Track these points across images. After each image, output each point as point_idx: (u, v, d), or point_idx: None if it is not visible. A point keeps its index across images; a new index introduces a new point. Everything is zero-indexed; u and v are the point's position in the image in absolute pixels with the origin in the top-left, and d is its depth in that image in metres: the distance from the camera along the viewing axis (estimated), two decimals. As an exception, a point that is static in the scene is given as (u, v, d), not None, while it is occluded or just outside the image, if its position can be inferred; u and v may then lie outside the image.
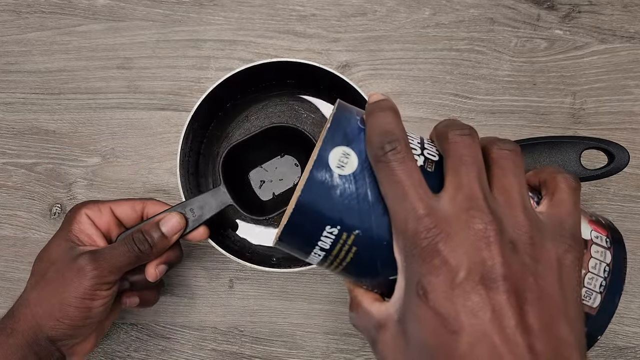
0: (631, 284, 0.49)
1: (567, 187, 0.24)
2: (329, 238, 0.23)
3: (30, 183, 0.51)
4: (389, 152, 0.22)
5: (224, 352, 0.49)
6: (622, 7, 0.51)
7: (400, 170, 0.22)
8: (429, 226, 0.21)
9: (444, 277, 0.21)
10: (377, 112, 0.24)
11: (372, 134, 0.23)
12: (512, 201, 0.22)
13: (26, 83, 0.52)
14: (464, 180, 0.22)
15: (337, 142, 0.24)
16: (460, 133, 0.23)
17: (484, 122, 0.51)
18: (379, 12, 0.52)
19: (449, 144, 0.23)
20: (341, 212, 0.23)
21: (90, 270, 0.36)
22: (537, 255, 0.22)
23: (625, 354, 0.48)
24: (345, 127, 0.24)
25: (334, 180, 0.23)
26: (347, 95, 0.46)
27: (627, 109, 0.51)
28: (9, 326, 0.36)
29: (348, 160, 0.23)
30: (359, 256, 0.24)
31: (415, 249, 0.21)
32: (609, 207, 0.50)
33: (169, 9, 0.52)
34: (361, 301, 0.26)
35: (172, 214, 0.39)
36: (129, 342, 0.49)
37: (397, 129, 0.23)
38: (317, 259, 0.25)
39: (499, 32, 0.51)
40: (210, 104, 0.45)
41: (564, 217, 0.23)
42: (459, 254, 0.21)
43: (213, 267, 0.50)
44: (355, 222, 0.23)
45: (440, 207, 0.22)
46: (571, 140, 0.41)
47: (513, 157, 0.24)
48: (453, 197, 0.22)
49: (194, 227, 0.40)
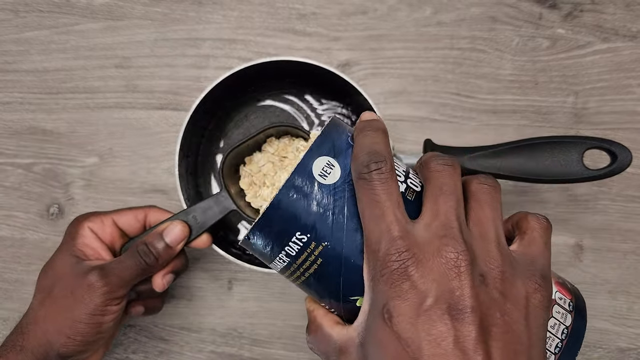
0: (634, 285, 0.49)
1: (539, 226, 0.24)
2: (297, 245, 0.23)
3: (28, 183, 0.51)
4: (373, 171, 0.22)
5: (222, 354, 0.49)
6: (625, 6, 0.51)
7: (381, 189, 0.22)
8: (401, 249, 0.21)
9: (411, 302, 0.21)
10: (368, 131, 0.24)
11: (359, 151, 0.23)
12: (487, 235, 0.23)
13: (24, 82, 0.52)
14: (442, 209, 0.22)
15: (323, 152, 0.24)
16: (442, 162, 0.24)
17: (485, 121, 0.50)
18: (379, 10, 0.51)
19: (430, 172, 0.24)
20: (314, 220, 0.23)
21: (100, 287, 0.36)
22: (506, 291, 0.22)
23: (627, 355, 0.48)
24: (334, 139, 0.24)
25: (313, 187, 0.23)
26: (347, 95, 0.45)
27: (630, 109, 0.50)
28: (19, 343, 0.36)
29: (331, 172, 0.23)
30: (323, 269, 0.24)
31: (384, 270, 0.21)
32: (612, 208, 0.49)
33: (168, 7, 0.52)
34: (322, 324, 0.26)
35: (174, 222, 0.39)
36: (127, 343, 0.49)
37: (385, 150, 0.23)
38: (281, 265, 0.25)
39: (500, 31, 0.51)
40: (209, 103, 0.44)
41: (535, 256, 0.23)
42: (429, 280, 0.21)
43: (212, 269, 0.50)
44: (327, 233, 0.23)
45: (415, 232, 0.22)
46: (573, 140, 0.40)
47: (492, 192, 0.24)
48: (429, 224, 0.22)
49: (198, 234, 0.40)
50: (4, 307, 0.50)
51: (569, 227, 0.49)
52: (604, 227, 0.49)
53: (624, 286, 0.49)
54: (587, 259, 0.49)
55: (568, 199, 0.50)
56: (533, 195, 0.50)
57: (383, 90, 0.51)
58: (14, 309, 0.50)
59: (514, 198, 0.50)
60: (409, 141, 0.50)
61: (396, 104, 0.51)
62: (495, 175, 0.41)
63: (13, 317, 0.50)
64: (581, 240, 0.49)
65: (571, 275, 0.49)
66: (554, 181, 0.41)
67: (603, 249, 0.49)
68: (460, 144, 0.48)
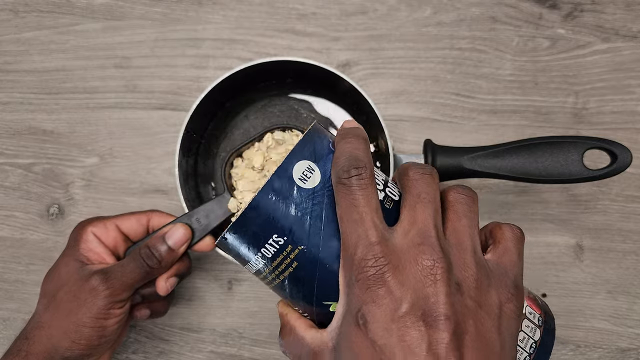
0: (634, 285, 0.49)
1: (512, 236, 0.25)
2: (273, 247, 0.23)
3: (28, 183, 0.51)
4: (353, 177, 0.22)
5: (223, 354, 0.49)
6: (625, 6, 0.51)
7: (360, 195, 0.22)
8: (378, 255, 0.21)
9: (386, 308, 0.21)
10: (350, 138, 0.24)
11: (340, 156, 0.23)
12: (463, 244, 0.23)
13: (24, 82, 0.52)
14: (419, 217, 0.22)
15: (304, 156, 0.24)
16: (421, 171, 0.24)
17: (485, 121, 0.50)
18: (379, 10, 0.51)
19: (408, 180, 0.24)
20: (292, 223, 0.23)
21: (103, 290, 0.36)
22: (481, 300, 0.22)
23: (627, 355, 0.48)
24: (315, 144, 0.25)
25: (292, 190, 0.23)
26: (347, 95, 0.45)
27: (630, 109, 0.50)
28: (24, 349, 0.36)
29: (311, 176, 0.24)
30: (298, 273, 0.24)
31: (360, 275, 0.21)
32: (611, 208, 0.49)
33: (168, 7, 0.52)
34: (294, 327, 0.26)
35: (177, 225, 0.39)
36: (127, 344, 0.49)
37: (365, 157, 0.23)
38: (256, 267, 0.25)
39: (500, 31, 0.51)
40: (209, 103, 0.44)
41: (509, 266, 0.24)
42: (405, 287, 0.21)
43: (212, 269, 0.50)
44: (303, 236, 0.23)
45: (393, 239, 0.22)
46: (573, 140, 0.40)
47: (469, 202, 0.24)
48: (406, 231, 0.22)
49: (201, 237, 0.40)
50: (4, 308, 0.50)
51: (569, 227, 0.49)
52: (604, 227, 0.49)
53: (624, 286, 0.49)
54: (587, 259, 0.49)
55: (568, 199, 0.50)
56: (533, 195, 0.50)
57: (383, 90, 0.51)
58: (15, 309, 0.50)
59: (514, 198, 0.50)
60: (409, 141, 0.50)
61: (396, 104, 0.51)
62: (495, 176, 0.41)
63: (13, 317, 0.50)
64: (581, 240, 0.49)
65: (571, 275, 0.49)
66: (554, 181, 0.40)
67: (603, 249, 0.49)
68: (460, 144, 0.48)
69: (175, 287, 0.41)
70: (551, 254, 0.49)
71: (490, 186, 0.50)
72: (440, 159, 0.42)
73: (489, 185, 0.50)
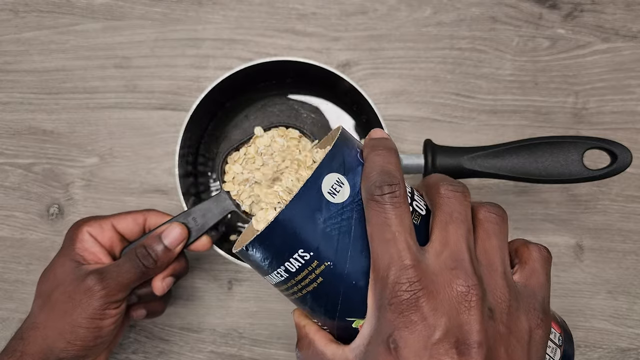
0: (634, 285, 0.49)
1: (540, 257, 0.24)
2: (298, 261, 0.23)
3: (28, 183, 0.51)
4: (387, 194, 0.22)
5: (223, 355, 0.49)
6: (625, 6, 0.51)
7: (394, 214, 0.22)
8: (413, 279, 0.21)
9: (420, 334, 0.20)
10: (380, 150, 0.24)
11: (371, 171, 0.23)
12: (494, 265, 0.23)
13: (24, 82, 0.52)
14: (452, 238, 0.22)
15: (334, 168, 0.23)
16: (453, 189, 0.23)
17: (485, 121, 0.50)
18: (379, 10, 0.51)
19: (440, 197, 0.23)
20: (319, 239, 0.22)
21: (98, 290, 0.35)
22: (512, 325, 0.22)
23: (627, 355, 0.48)
24: (345, 155, 0.24)
25: (321, 205, 0.22)
26: (347, 95, 0.45)
27: (630, 109, 0.50)
28: (19, 349, 0.36)
29: (341, 190, 0.23)
30: (323, 288, 0.23)
31: (394, 299, 0.21)
32: (611, 208, 0.49)
33: (168, 7, 0.52)
34: (314, 340, 0.25)
35: (173, 224, 0.38)
36: (127, 344, 0.49)
37: (398, 172, 0.23)
38: (278, 279, 0.24)
39: (500, 31, 0.51)
40: (209, 103, 0.44)
41: (536, 288, 0.24)
42: (439, 313, 0.21)
43: (212, 269, 0.50)
44: (330, 252, 0.22)
45: (426, 261, 0.22)
46: (573, 140, 0.40)
47: (499, 221, 0.24)
48: (439, 252, 0.22)
49: (197, 236, 0.39)
50: (3, 308, 0.50)
51: (569, 227, 0.49)
52: (604, 227, 0.49)
53: (624, 286, 0.49)
54: (587, 259, 0.49)
55: (568, 199, 0.50)
56: (533, 195, 0.50)
57: (383, 90, 0.51)
58: (14, 309, 0.50)
59: (514, 198, 0.50)
60: (409, 141, 0.50)
61: (396, 104, 0.51)
62: (495, 176, 0.41)
63: (13, 318, 0.50)
64: (581, 240, 0.49)
65: (571, 275, 0.49)
66: (554, 181, 0.40)
67: (603, 249, 0.49)
68: (460, 144, 0.48)
69: (172, 287, 0.40)
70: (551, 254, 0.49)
71: (490, 186, 0.50)
72: (440, 159, 0.42)
73: (489, 185, 0.50)
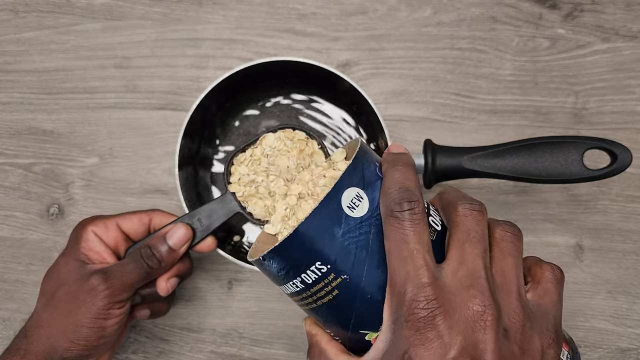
0: (634, 285, 0.49)
1: (553, 277, 0.25)
2: (314, 274, 0.23)
3: (28, 183, 0.51)
4: (406, 211, 0.22)
5: (223, 355, 0.49)
6: (625, 6, 0.51)
7: (412, 231, 0.22)
8: (430, 297, 0.21)
9: (435, 352, 0.21)
10: (400, 166, 0.24)
11: (391, 187, 0.23)
12: (509, 286, 0.23)
13: (24, 82, 0.52)
14: (469, 257, 0.22)
15: (353, 182, 0.23)
16: (470, 208, 0.24)
17: (485, 121, 0.50)
18: (379, 10, 0.51)
19: (457, 216, 0.23)
20: (337, 252, 0.22)
21: (102, 290, 0.35)
22: (525, 346, 0.22)
23: (627, 355, 0.48)
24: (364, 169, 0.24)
25: (341, 218, 0.23)
26: (347, 95, 0.45)
27: (630, 109, 0.50)
28: (22, 347, 0.36)
29: (360, 204, 0.23)
30: (338, 300, 0.23)
31: (411, 316, 0.21)
32: (611, 208, 0.49)
33: (168, 7, 0.52)
34: (325, 349, 0.26)
35: (178, 225, 0.38)
36: (127, 344, 0.49)
37: (417, 189, 0.23)
38: (293, 289, 0.24)
39: (500, 31, 0.51)
40: (209, 103, 0.44)
41: (549, 308, 0.24)
42: (455, 332, 0.21)
43: (212, 269, 0.50)
44: (347, 266, 0.23)
45: (443, 279, 0.22)
46: (573, 140, 0.40)
47: (515, 240, 0.24)
48: (455, 270, 0.22)
49: (202, 237, 0.39)
50: (4, 308, 0.50)
51: (569, 227, 0.49)
52: (604, 227, 0.49)
53: (624, 286, 0.49)
54: (587, 259, 0.49)
55: (568, 199, 0.50)
56: (533, 195, 0.50)
57: (383, 90, 0.51)
58: (15, 309, 0.50)
59: (514, 198, 0.50)
60: (409, 141, 0.50)
61: (396, 104, 0.51)
62: (495, 176, 0.41)
63: (13, 318, 0.50)
64: (581, 240, 0.49)
65: (571, 275, 0.49)
66: (554, 181, 0.40)
67: (603, 249, 0.49)
68: (460, 144, 0.48)
69: (176, 287, 0.40)
70: (551, 254, 0.49)
71: (490, 186, 0.50)
72: (440, 159, 0.42)
73: (489, 185, 0.50)
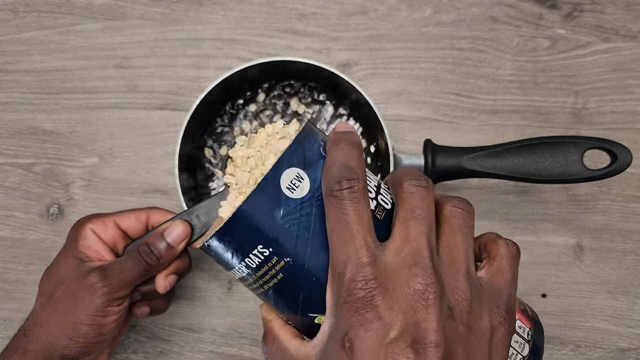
0: (634, 285, 0.49)
1: (508, 253, 0.24)
2: (257, 257, 0.22)
3: (28, 183, 0.51)
4: (345, 189, 0.21)
5: (223, 355, 0.49)
6: (625, 6, 0.51)
7: (352, 210, 0.21)
8: (369, 277, 0.20)
9: (375, 333, 0.20)
10: (342, 144, 0.23)
11: (331, 165, 0.22)
12: (457, 264, 0.22)
13: (24, 82, 0.52)
14: (413, 234, 0.22)
15: (293, 163, 0.22)
16: (416, 184, 0.23)
17: (485, 121, 0.50)
18: (379, 10, 0.51)
19: (403, 192, 0.23)
20: (278, 234, 0.22)
21: (100, 287, 0.35)
22: (472, 325, 0.21)
23: (627, 355, 0.48)
24: (306, 149, 0.23)
25: (280, 200, 0.22)
26: (347, 95, 0.45)
27: (630, 109, 0.50)
28: (22, 346, 0.36)
29: (300, 185, 0.22)
30: (284, 284, 0.23)
31: (349, 297, 0.21)
32: (611, 208, 0.49)
33: (168, 7, 0.52)
34: (278, 335, 0.25)
35: (176, 222, 0.38)
36: (127, 344, 0.49)
37: (358, 167, 0.22)
38: (240, 274, 0.24)
39: (500, 31, 0.51)
40: (209, 103, 0.44)
41: (502, 286, 0.23)
42: (394, 311, 0.20)
43: (212, 269, 0.50)
44: (289, 248, 0.22)
45: (384, 258, 0.21)
46: (573, 140, 0.40)
47: (465, 217, 0.23)
48: (399, 249, 0.21)
49: (201, 234, 0.39)
50: (4, 308, 0.50)
51: (569, 227, 0.49)
52: (604, 227, 0.49)
53: (624, 286, 0.49)
54: (587, 259, 0.49)
55: (568, 199, 0.50)
56: (533, 195, 0.50)
57: (383, 90, 0.51)
58: (15, 309, 0.50)
59: (514, 198, 0.50)
60: (409, 141, 0.50)
61: (396, 104, 0.51)
62: (495, 176, 0.41)
63: (14, 317, 0.50)
64: (581, 240, 0.49)
65: (571, 275, 0.49)
66: (554, 181, 0.41)
67: (603, 249, 0.49)
68: (460, 144, 0.48)
69: (175, 285, 0.40)
70: (551, 254, 0.49)
71: (490, 186, 0.50)
72: (440, 159, 0.42)
73: (489, 185, 0.50)
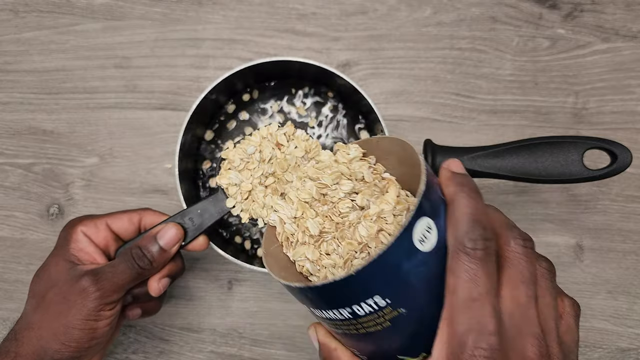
0: (634, 285, 0.49)
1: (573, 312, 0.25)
2: (369, 307, 0.21)
3: (28, 183, 0.51)
4: (480, 250, 0.20)
5: (223, 354, 0.49)
6: (625, 6, 0.51)
7: (484, 272, 0.20)
8: (495, 346, 0.20)
9: None
10: (466, 192, 0.22)
11: (462, 218, 0.21)
12: (550, 326, 0.23)
13: (24, 82, 0.52)
14: (523, 299, 0.21)
15: (426, 212, 0.21)
16: (523, 244, 0.22)
17: (485, 121, 0.50)
18: (379, 10, 0.51)
19: (510, 251, 0.22)
20: (399, 286, 0.20)
21: (93, 292, 0.35)
22: None
23: (627, 355, 0.48)
24: (430, 194, 0.21)
25: (411, 253, 0.20)
26: (347, 95, 0.45)
27: (630, 109, 0.50)
28: (12, 350, 0.35)
29: (429, 236, 0.21)
30: (387, 330, 0.21)
31: (471, 358, 0.20)
32: (611, 208, 0.49)
33: (168, 7, 0.52)
34: (340, 357, 0.25)
35: (169, 225, 0.38)
36: (127, 344, 0.49)
37: (489, 225, 0.21)
38: (334, 316, 0.22)
39: (500, 31, 0.51)
40: (209, 103, 0.44)
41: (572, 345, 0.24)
42: None
43: (212, 269, 0.50)
44: (408, 300, 0.21)
45: (504, 325, 0.21)
46: (573, 140, 0.40)
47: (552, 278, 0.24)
48: (512, 314, 0.21)
49: (194, 236, 0.39)
50: (4, 307, 0.50)
51: (569, 227, 0.49)
52: (604, 227, 0.49)
53: (624, 286, 0.49)
54: (587, 259, 0.49)
55: (568, 199, 0.50)
56: (533, 195, 0.50)
57: (383, 90, 0.51)
58: (14, 309, 0.50)
59: (514, 198, 0.50)
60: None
61: (396, 104, 0.51)
62: (495, 176, 0.41)
63: (13, 317, 0.50)
64: (581, 240, 0.49)
65: (571, 275, 0.49)
66: (554, 181, 0.40)
67: (603, 249, 0.49)
68: (460, 144, 0.48)
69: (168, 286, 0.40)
70: (551, 254, 0.49)
71: (490, 186, 0.50)
72: (440, 159, 0.42)
73: (489, 185, 0.50)
